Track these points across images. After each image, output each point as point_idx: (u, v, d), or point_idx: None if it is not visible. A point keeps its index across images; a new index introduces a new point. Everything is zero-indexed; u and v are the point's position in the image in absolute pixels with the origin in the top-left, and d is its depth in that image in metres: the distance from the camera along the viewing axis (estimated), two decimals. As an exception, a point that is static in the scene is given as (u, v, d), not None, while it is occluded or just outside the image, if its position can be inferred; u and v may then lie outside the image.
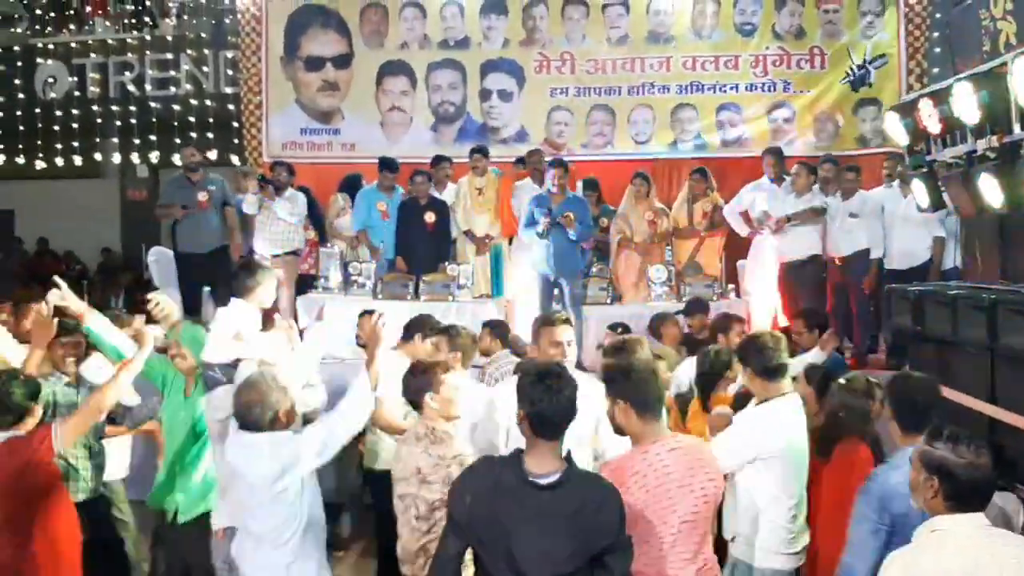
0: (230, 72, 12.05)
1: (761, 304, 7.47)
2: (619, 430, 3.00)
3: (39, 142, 12.68)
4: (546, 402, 2.61)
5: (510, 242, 8.11)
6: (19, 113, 12.72)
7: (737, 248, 8.16)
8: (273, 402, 3.28)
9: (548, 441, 2.62)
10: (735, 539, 3.56)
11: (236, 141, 10.52)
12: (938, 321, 4.80)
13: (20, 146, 12.70)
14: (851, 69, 9.20)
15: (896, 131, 5.66)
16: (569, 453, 2.67)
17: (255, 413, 3.27)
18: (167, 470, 4.13)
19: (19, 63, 12.94)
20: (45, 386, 3.82)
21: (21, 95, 12.81)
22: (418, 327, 4.92)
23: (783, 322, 7.12)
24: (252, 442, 3.25)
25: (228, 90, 12.08)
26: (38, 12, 13.62)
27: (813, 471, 3.59)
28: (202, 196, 7.82)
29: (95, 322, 4.15)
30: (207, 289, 7.65)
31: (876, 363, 6.92)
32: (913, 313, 5.10)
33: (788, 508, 3.47)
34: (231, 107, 11.37)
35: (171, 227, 8.20)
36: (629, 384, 2.93)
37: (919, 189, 5.67)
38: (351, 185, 8.59)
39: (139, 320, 4.48)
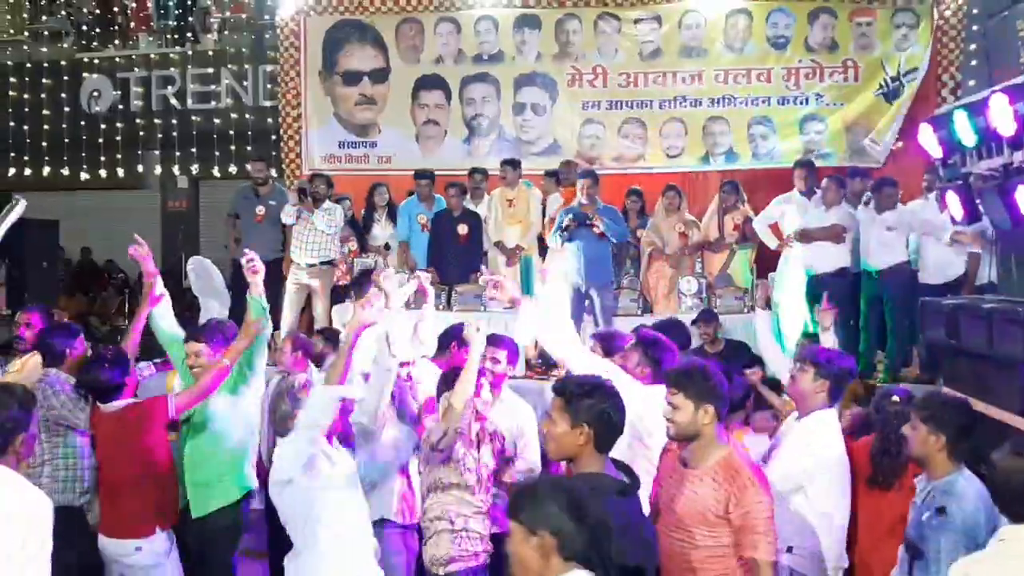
0: (269, 86, 12.29)
1: (790, 317, 7.45)
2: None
3: (83, 154, 13.00)
4: None
5: (543, 254, 8.18)
6: (65, 126, 13.06)
7: (767, 261, 8.16)
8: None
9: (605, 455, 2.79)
10: (792, 550, 3.49)
11: (275, 154, 10.70)
12: (973, 335, 4.76)
13: (65, 158, 13.03)
14: (884, 81, 9.16)
15: (930, 144, 5.64)
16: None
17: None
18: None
19: (66, 77, 13.29)
20: None
21: (67, 108, 13.15)
22: (454, 338, 4.91)
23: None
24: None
25: (267, 103, 12.31)
26: (84, 28, 13.99)
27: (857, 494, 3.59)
28: (260, 210, 8.13)
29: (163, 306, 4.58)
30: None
31: (908, 376, 6.86)
32: (947, 326, 5.06)
33: (839, 526, 3.48)
34: (270, 120, 11.57)
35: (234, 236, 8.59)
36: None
37: (953, 202, 5.63)
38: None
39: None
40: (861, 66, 9.21)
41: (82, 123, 13.07)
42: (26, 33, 14.27)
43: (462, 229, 7.93)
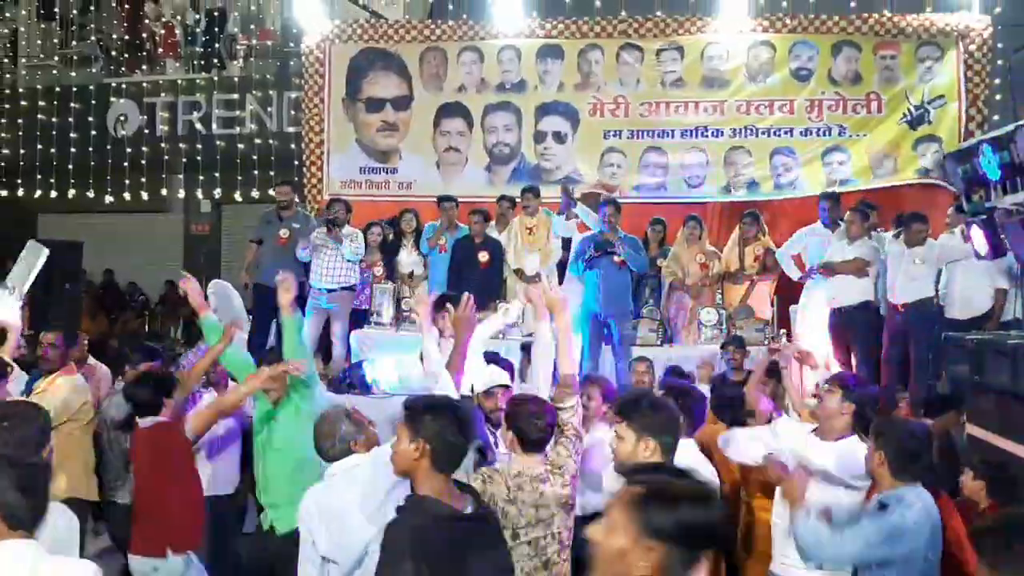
0: (293, 112, 12.41)
1: (812, 350, 7.35)
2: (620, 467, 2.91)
3: (108, 177, 13.13)
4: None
5: (560, 282, 8.16)
6: (91, 149, 13.21)
7: (787, 292, 8.10)
8: (344, 435, 3.39)
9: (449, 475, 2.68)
10: None
11: (297, 179, 10.79)
12: (998, 371, 4.68)
13: (90, 180, 13.18)
14: (908, 111, 9.12)
15: (953, 177, 5.60)
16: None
17: (325, 446, 3.41)
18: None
19: (93, 101, 13.47)
20: None
21: (94, 132, 13.32)
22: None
23: (835, 369, 7.01)
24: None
25: (291, 129, 12.42)
26: (113, 53, 14.24)
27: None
28: (283, 233, 8.18)
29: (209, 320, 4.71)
30: (276, 322, 7.84)
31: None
32: (972, 362, 4.99)
33: None
34: (293, 146, 11.67)
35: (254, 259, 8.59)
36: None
37: (978, 236, 5.58)
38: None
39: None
40: (885, 98, 9.18)
41: (108, 146, 13.23)
42: (56, 58, 14.53)
43: (483, 256, 7.94)
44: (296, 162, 10.93)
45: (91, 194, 13.24)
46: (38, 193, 13.45)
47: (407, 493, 2.71)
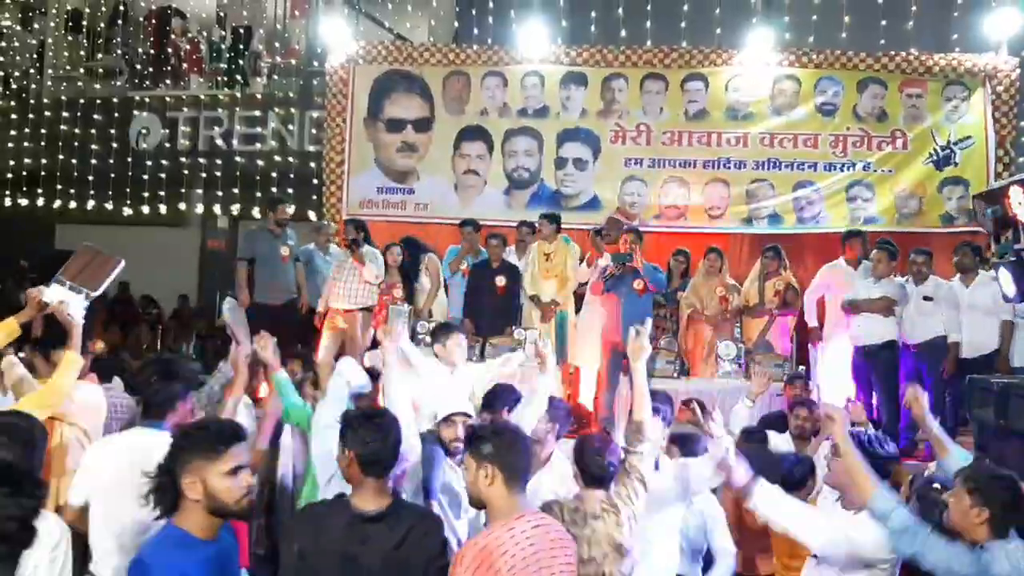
0: (314, 131, 12.44)
1: (834, 390, 7.24)
2: (478, 502, 2.85)
3: (128, 189, 13.19)
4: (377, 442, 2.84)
5: (577, 311, 8.09)
6: (112, 161, 13.27)
7: (807, 328, 8.00)
8: None
9: (376, 479, 2.85)
10: None
11: (315, 198, 10.79)
12: (1022, 415, 4.60)
13: (110, 192, 13.24)
14: (934, 150, 9.06)
15: (982, 218, 5.52)
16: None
17: None
18: None
19: (116, 114, 13.54)
20: None
21: (115, 144, 13.38)
22: (502, 400, 4.55)
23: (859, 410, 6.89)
24: None
25: (311, 148, 12.44)
26: (138, 67, 14.34)
27: None
28: (284, 250, 8.14)
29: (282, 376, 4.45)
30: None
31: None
32: (996, 406, 4.89)
33: None
34: (312, 164, 11.69)
35: (249, 275, 8.41)
36: (510, 451, 2.81)
37: (1005, 277, 5.49)
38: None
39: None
40: (910, 136, 9.13)
41: (129, 159, 13.29)
42: (81, 70, 14.65)
43: (500, 281, 7.88)
44: (315, 181, 10.93)
45: (110, 206, 13.28)
46: (57, 203, 13.51)
47: None
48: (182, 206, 13.55)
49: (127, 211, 13.22)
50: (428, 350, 7.32)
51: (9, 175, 14.08)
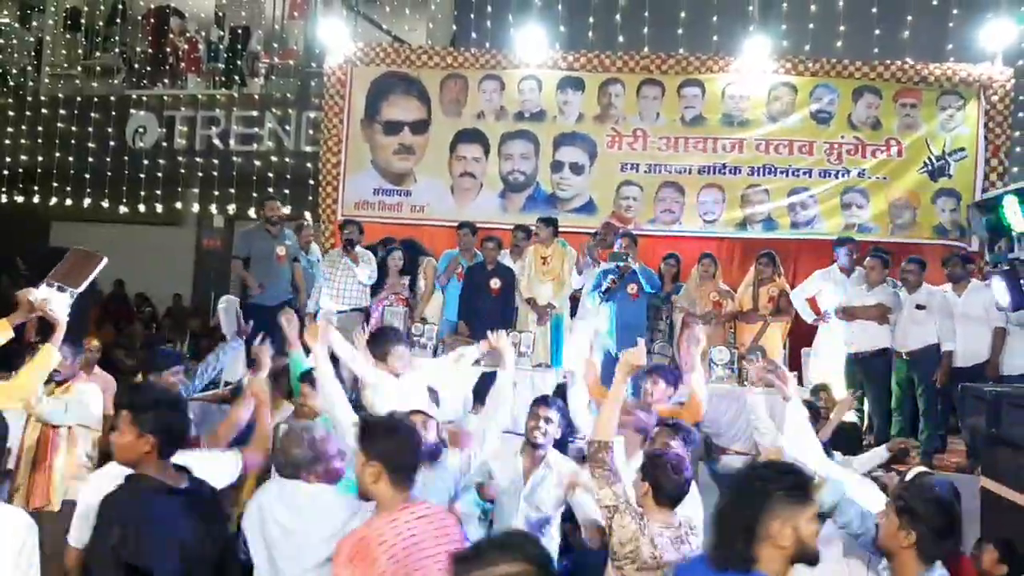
0: (311, 132, 12.46)
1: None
2: (364, 495, 2.88)
3: (124, 188, 13.20)
4: None
5: (572, 314, 8.11)
6: (108, 159, 13.28)
7: (800, 335, 8.02)
8: (296, 458, 3.30)
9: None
10: None
11: (311, 198, 10.80)
12: (1016, 424, 4.61)
13: (106, 190, 13.23)
14: (929, 159, 9.09)
15: (976, 227, 5.55)
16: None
17: (279, 459, 3.38)
18: None
19: (113, 112, 13.56)
20: None
21: (112, 143, 13.40)
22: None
23: (850, 416, 6.92)
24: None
25: (308, 149, 12.47)
26: (136, 66, 14.35)
27: None
28: (280, 250, 8.05)
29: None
30: (268, 341, 7.75)
31: (943, 464, 6.62)
32: (988, 415, 4.91)
33: None
34: (309, 165, 11.70)
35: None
36: (391, 446, 2.83)
37: (999, 287, 5.53)
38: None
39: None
40: (904, 144, 9.16)
41: (125, 158, 13.31)
42: (79, 68, 14.65)
43: (495, 283, 7.89)
44: (311, 181, 10.94)
45: (106, 204, 13.29)
46: (53, 201, 13.51)
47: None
48: (178, 205, 13.57)
49: (123, 209, 13.23)
50: (423, 352, 7.42)
51: (5, 172, 14.09)
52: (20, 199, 13.92)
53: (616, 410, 3.46)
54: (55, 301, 3.78)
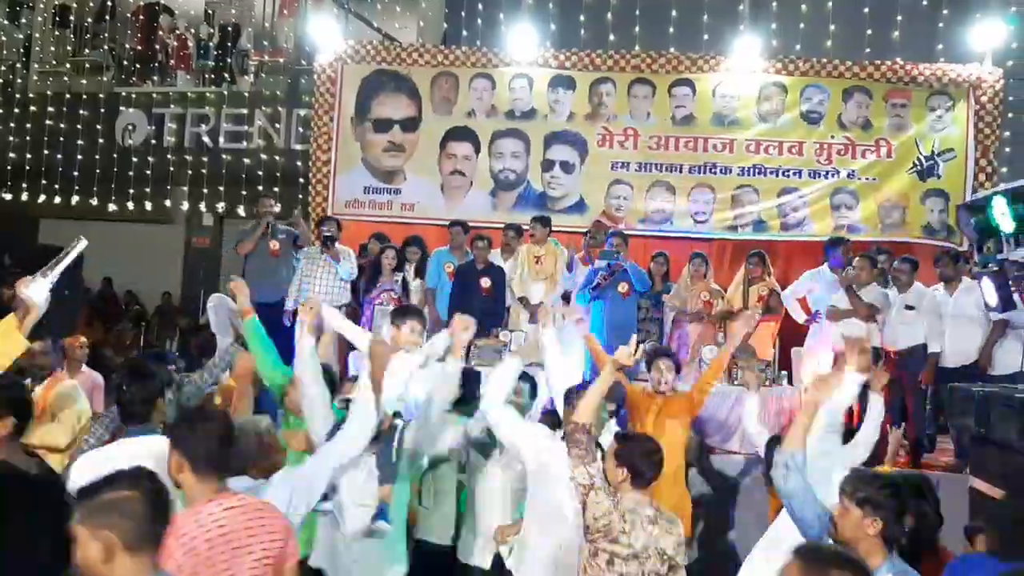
0: (301, 130, 12.42)
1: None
2: (175, 485, 2.78)
3: (113, 185, 13.12)
4: None
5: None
6: (97, 157, 13.21)
7: (790, 334, 8.03)
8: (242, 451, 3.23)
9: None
10: None
11: (301, 196, 10.76)
12: (1004, 424, 4.62)
13: (95, 188, 13.16)
14: (918, 160, 9.13)
15: (966, 228, 5.56)
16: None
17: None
18: None
19: (102, 110, 13.50)
20: None
21: (101, 140, 13.33)
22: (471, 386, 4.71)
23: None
24: None
25: (298, 147, 12.42)
26: (125, 63, 14.27)
27: None
28: (274, 245, 7.97)
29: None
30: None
31: (931, 464, 6.65)
32: (977, 414, 4.92)
33: None
34: (299, 163, 11.67)
35: (241, 273, 8.30)
36: (189, 436, 2.76)
37: (988, 288, 5.54)
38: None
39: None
40: (894, 144, 9.20)
41: (114, 155, 13.24)
42: (68, 65, 14.55)
43: (485, 282, 7.87)
44: (301, 180, 10.90)
45: (94, 202, 13.21)
46: (42, 198, 13.42)
47: None
48: (167, 203, 13.49)
49: (112, 207, 13.16)
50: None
51: (-7, 168, 13.99)
52: (8, 196, 13.83)
53: (599, 398, 3.66)
54: (32, 285, 3.72)
